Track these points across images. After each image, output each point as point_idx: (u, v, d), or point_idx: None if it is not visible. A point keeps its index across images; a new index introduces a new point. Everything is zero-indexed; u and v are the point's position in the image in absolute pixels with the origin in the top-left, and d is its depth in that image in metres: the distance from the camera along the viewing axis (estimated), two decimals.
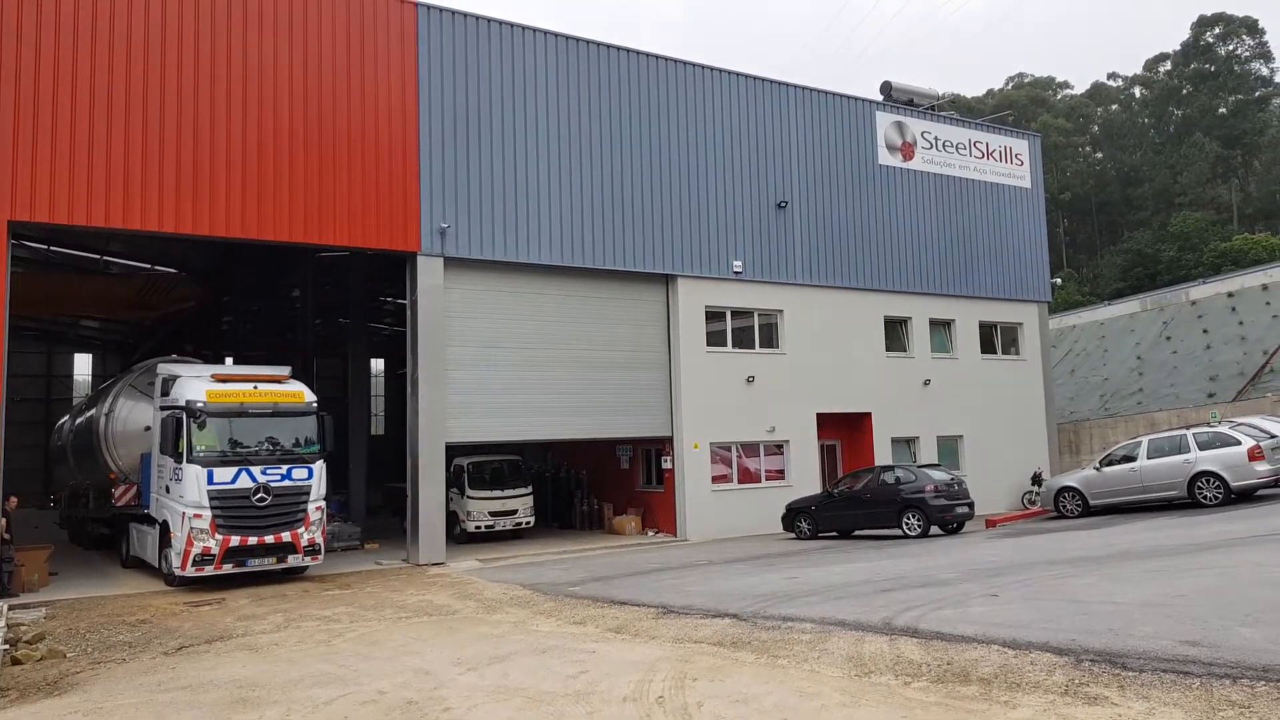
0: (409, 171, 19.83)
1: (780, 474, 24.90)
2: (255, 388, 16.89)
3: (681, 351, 23.33)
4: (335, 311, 33.99)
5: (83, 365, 51.53)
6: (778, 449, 24.98)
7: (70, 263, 29.34)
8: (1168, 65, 78.23)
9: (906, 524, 20.32)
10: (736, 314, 24.65)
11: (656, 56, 23.70)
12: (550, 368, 21.58)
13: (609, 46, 22.94)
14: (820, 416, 25.53)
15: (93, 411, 20.68)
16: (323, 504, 17.21)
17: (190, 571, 15.68)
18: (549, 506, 27.96)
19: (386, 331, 39.36)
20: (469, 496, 23.87)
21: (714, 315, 24.19)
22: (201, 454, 15.94)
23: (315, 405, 17.33)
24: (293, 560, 16.73)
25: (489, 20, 21.20)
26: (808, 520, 22.00)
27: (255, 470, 16.24)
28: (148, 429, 18.37)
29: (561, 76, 22.05)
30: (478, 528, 23.67)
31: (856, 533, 21.62)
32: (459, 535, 23.46)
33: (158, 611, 14.11)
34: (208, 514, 15.73)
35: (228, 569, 15.98)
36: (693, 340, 23.59)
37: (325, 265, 26.39)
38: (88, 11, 16.89)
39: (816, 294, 25.67)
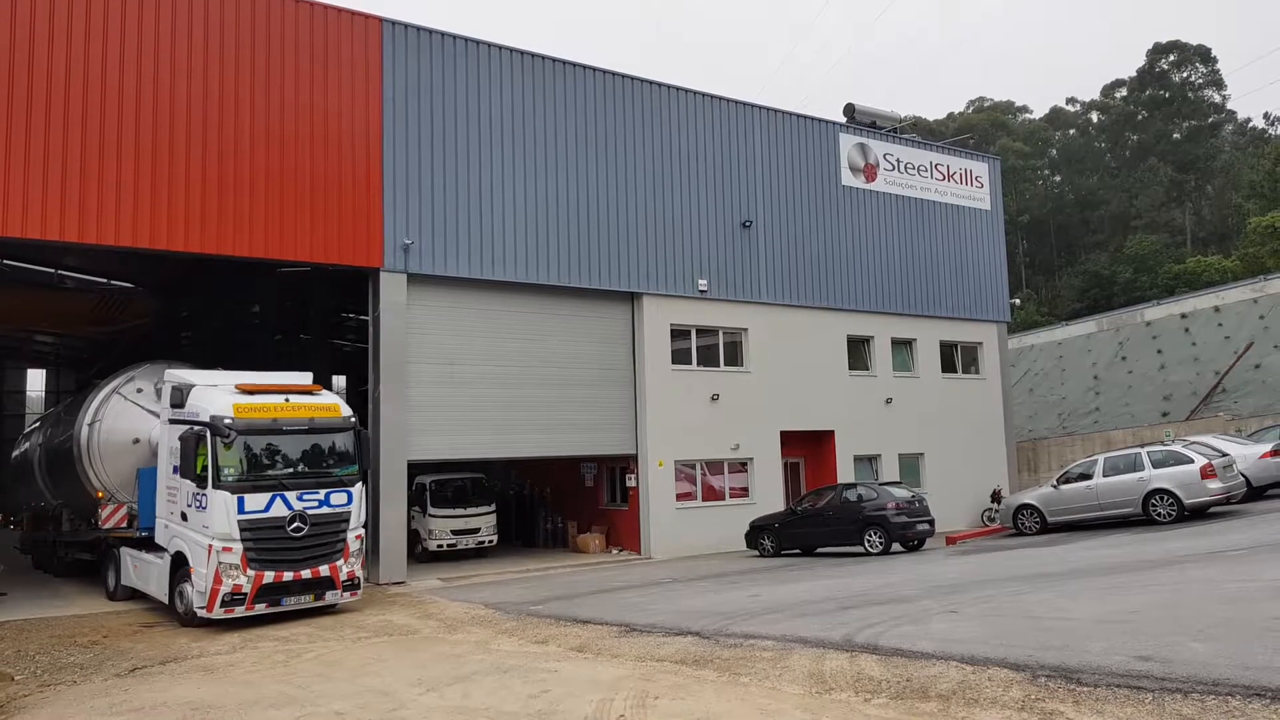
0: (372, 187, 19.74)
1: (744, 492, 24.97)
2: (287, 400, 14.84)
3: (646, 369, 23.37)
4: (296, 327, 33.65)
5: (36, 381, 50.50)
6: (742, 467, 25.06)
7: (23, 276, 28.76)
8: (1124, 91, 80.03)
9: (868, 541, 20.45)
10: (701, 332, 24.75)
11: (623, 75, 23.82)
12: (514, 385, 21.50)
13: (575, 65, 23.03)
14: (784, 434, 25.66)
15: (71, 422, 18.41)
16: (362, 532, 15.25)
17: (218, 613, 13.59)
18: (512, 525, 27.81)
19: (348, 348, 39.00)
20: (431, 515, 23.67)
21: (679, 333, 24.27)
22: (230, 478, 13.84)
23: (354, 420, 15.48)
24: (330, 596, 14.71)
25: (454, 37, 21.21)
26: (771, 538, 22.07)
27: (290, 496, 14.25)
28: (137, 441, 16.71)
29: (528, 94, 22.09)
30: (440, 546, 23.46)
31: (819, 550, 21.72)
32: (420, 554, 23.24)
33: (111, 632, 13.82)
34: (238, 547, 13.68)
35: (260, 609, 13.92)
36: (657, 358, 23.63)
37: (286, 281, 26.13)
38: (44, 21, 16.66)
39: (781, 313, 25.85)
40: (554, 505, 27.33)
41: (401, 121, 20.24)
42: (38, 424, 25.75)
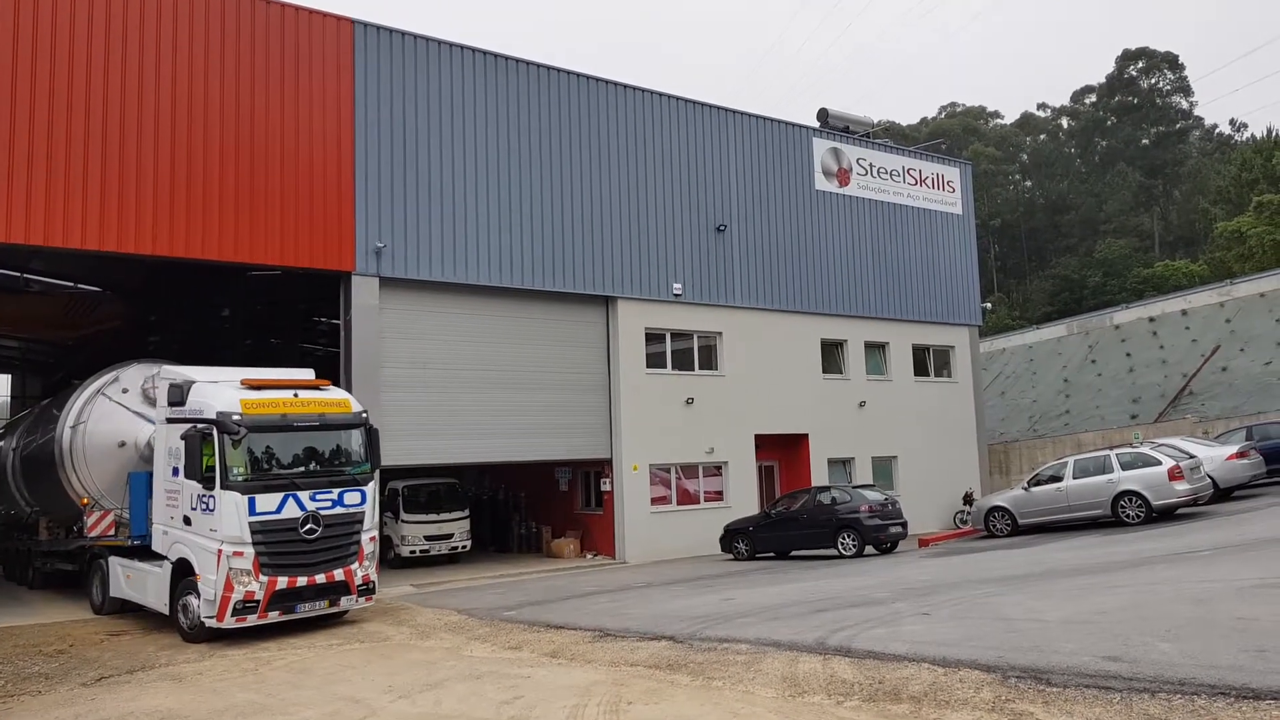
0: (344, 190, 19.61)
1: (719, 495, 25.01)
2: (296, 395, 14.06)
3: (621, 373, 23.35)
4: (267, 331, 33.34)
5: (1, 386, 49.67)
6: (716, 470, 25.09)
7: None
8: (1093, 97, 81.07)
9: (842, 544, 20.54)
10: (676, 336, 24.77)
11: (597, 79, 23.82)
12: (488, 389, 21.41)
13: (550, 68, 23.00)
14: (758, 438, 25.72)
15: (50, 425, 17.38)
16: (375, 533, 14.65)
17: (230, 622, 12.77)
18: (486, 530, 27.65)
19: (320, 352, 38.67)
20: (404, 520, 23.50)
21: (654, 337, 24.28)
22: (239, 477, 13.07)
23: (365, 415, 14.73)
24: (345, 602, 14.03)
25: (427, 39, 21.12)
26: (745, 541, 22.11)
27: (303, 496, 13.48)
28: (123, 444, 15.89)
29: (501, 97, 22.03)
30: (412, 552, 23.29)
31: (793, 553, 21.78)
32: (393, 560, 23.07)
33: (77, 641, 13.62)
34: (250, 551, 12.89)
35: (273, 617, 13.17)
36: (632, 362, 23.62)
37: (257, 284, 25.89)
38: (7, 22, 16.42)
39: (755, 317, 25.92)
40: (528, 510, 27.23)
41: (374, 124, 20.12)
42: (7, 428, 24.92)
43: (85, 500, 16.13)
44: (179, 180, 17.78)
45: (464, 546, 24.12)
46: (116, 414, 16.16)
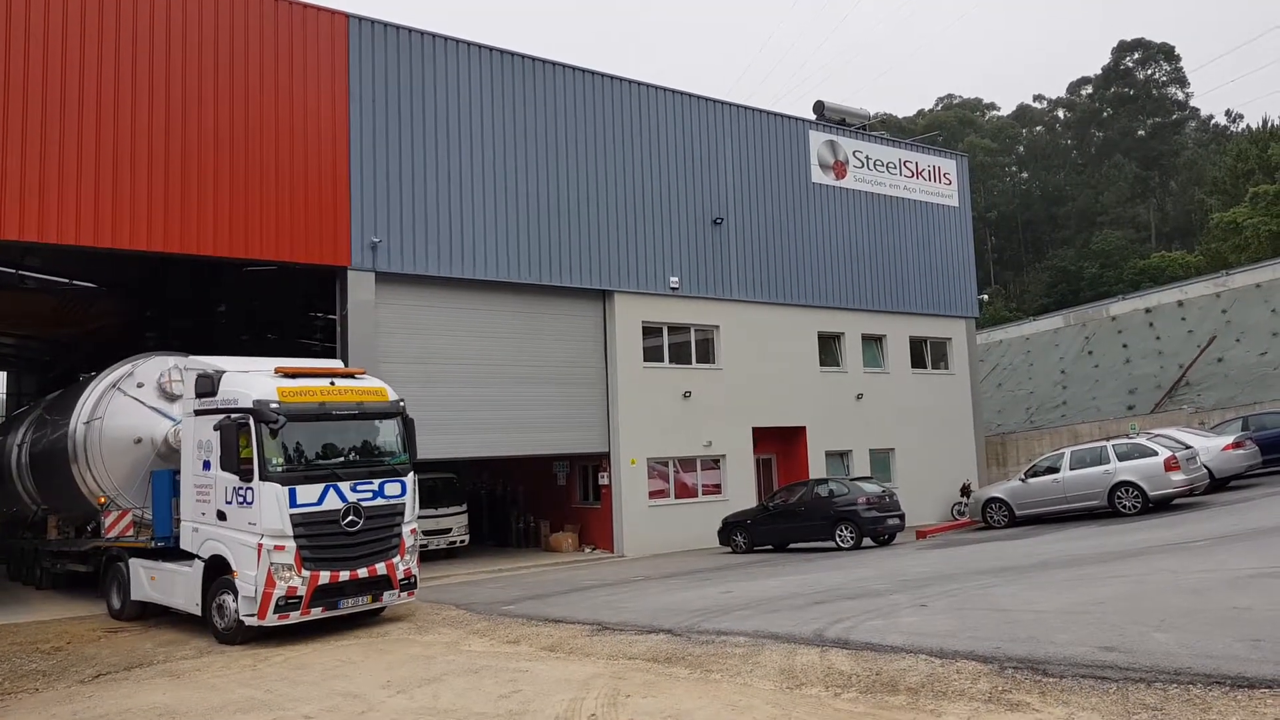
0: (339, 185, 19.57)
1: (717, 488, 25.02)
2: (333, 383, 13.56)
3: (618, 367, 23.35)
4: (264, 327, 33.31)
5: None
6: (714, 464, 25.10)
7: None
8: (1089, 89, 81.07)
9: (840, 536, 20.58)
10: (673, 329, 24.76)
11: (594, 72, 23.77)
12: (485, 384, 21.40)
13: (545, 61, 22.95)
14: (756, 431, 25.73)
15: (62, 421, 16.63)
16: (416, 526, 14.13)
17: (272, 620, 12.18)
18: (484, 525, 27.68)
19: (317, 348, 38.64)
20: None
21: (651, 331, 24.27)
22: (278, 468, 12.50)
23: (402, 405, 14.25)
24: (388, 597, 13.46)
25: (422, 33, 21.07)
26: (743, 534, 22.14)
27: (344, 487, 12.95)
28: (139, 440, 15.18)
29: (497, 90, 21.99)
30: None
31: (791, 546, 21.82)
32: None
33: (75, 638, 13.60)
34: (291, 545, 12.32)
35: (316, 614, 12.62)
36: (630, 356, 23.62)
37: (253, 280, 25.86)
38: (1, 14, 16.37)
39: (752, 310, 25.91)
40: (526, 504, 27.25)
41: (369, 118, 20.07)
42: (8, 424, 24.10)
43: (102, 499, 15.46)
44: (174, 175, 17.73)
45: (462, 541, 24.13)
46: (132, 409, 15.48)
